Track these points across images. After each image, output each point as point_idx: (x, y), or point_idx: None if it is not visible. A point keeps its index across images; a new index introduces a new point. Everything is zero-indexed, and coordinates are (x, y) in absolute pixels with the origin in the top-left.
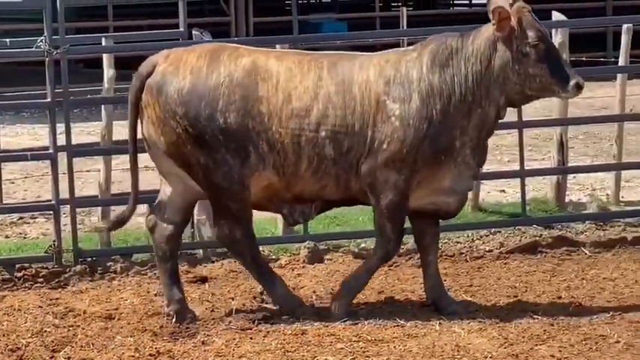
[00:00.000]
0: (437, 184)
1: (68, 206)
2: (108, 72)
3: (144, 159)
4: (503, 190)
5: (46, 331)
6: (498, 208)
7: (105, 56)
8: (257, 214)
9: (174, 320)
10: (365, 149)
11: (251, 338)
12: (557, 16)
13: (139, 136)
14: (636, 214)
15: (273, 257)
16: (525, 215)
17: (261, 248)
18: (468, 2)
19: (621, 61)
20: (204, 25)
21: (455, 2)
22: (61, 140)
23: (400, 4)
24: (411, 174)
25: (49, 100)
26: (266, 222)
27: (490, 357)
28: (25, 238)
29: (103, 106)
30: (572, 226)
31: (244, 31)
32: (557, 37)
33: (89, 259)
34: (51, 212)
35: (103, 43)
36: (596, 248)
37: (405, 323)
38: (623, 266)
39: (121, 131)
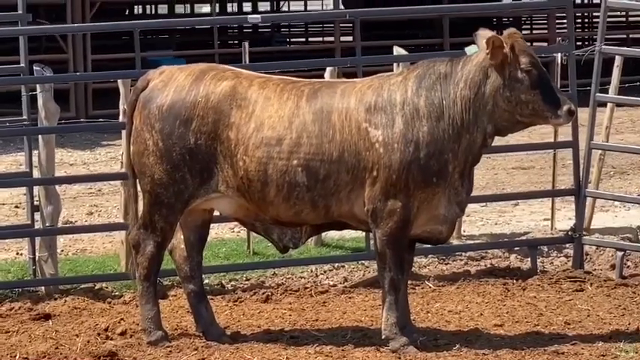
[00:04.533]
0: (434, 211)
1: None
2: None
3: None
4: None
5: None
6: (341, 243)
7: None
8: (101, 251)
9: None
10: (349, 177)
11: None
12: (398, 50)
13: None
14: (477, 248)
15: (117, 294)
16: (369, 250)
17: (104, 285)
18: (304, 40)
19: None
20: (42, 61)
21: (291, 40)
22: None
23: (236, 41)
24: (407, 200)
25: None
26: (109, 259)
27: None
28: None
29: None
30: (415, 260)
31: (82, 68)
32: (399, 70)
33: None
34: None
35: None
36: (440, 281)
37: (252, 358)
38: (468, 299)
39: None
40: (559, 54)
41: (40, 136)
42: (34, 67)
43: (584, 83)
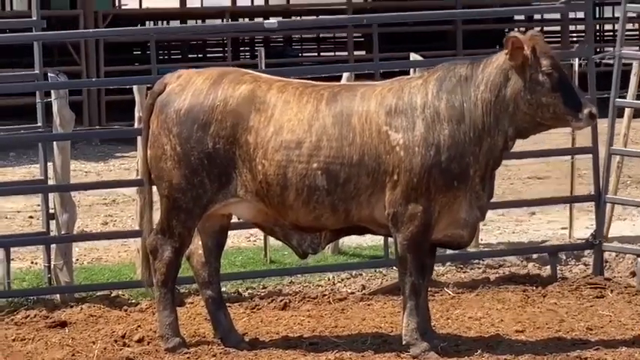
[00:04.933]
0: (455, 215)
1: None
2: None
3: None
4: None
5: None
6: (359, 251)
7: None
8: (116, 260)
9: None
10: (369, 180)
11: None
12: (414, 56)
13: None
14: (497, 255)
15: (133, 301)
16: (387, 258)
17: (120, 292)
18: (316, 55)
19: None
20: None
21: (303, 55)
22: None
23: (247, 55)
24: (428, 203)
25: None
26: (125, 267)
27: None
28: None
29: None
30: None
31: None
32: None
33: None
34: None
35: None
36: (459, 289)
37: None
38: (488, 306)
39: None
40: (576, 60)
41: (55, 143)
42: (49, 74)
43: (600, 93)
